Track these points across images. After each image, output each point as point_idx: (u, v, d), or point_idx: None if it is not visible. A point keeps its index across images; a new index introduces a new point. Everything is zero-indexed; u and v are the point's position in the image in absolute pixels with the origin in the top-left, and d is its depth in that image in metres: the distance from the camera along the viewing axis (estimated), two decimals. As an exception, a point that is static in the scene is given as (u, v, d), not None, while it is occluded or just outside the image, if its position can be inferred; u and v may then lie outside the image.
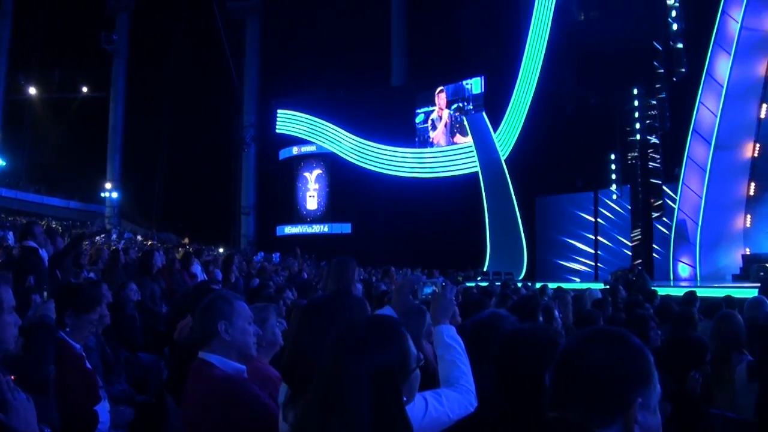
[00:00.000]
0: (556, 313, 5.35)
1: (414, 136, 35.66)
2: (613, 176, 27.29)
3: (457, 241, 30.38)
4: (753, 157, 21.50)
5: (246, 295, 7.84)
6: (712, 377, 4.44)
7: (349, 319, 2.30)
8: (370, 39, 36.18)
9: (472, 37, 30.98)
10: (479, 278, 24.18)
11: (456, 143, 33.96)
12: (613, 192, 27.36)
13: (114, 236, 32.99)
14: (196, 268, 10.78)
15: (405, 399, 2.01)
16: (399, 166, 35.64)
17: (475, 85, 33.20)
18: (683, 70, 24.26)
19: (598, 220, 27.75)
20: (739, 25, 20.94)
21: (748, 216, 21.57)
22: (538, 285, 13.98)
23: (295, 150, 40.13)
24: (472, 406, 2.57)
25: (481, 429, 2.50)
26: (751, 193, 21.51)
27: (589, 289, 10.19)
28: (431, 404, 2.44)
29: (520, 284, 16.06)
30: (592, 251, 27.70)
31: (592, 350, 1.71)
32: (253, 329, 3.30)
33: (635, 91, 26.14)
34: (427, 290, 3.34)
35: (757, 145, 21.41)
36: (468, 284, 15.14)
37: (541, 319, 4.47)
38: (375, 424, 1.86)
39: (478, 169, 31.63)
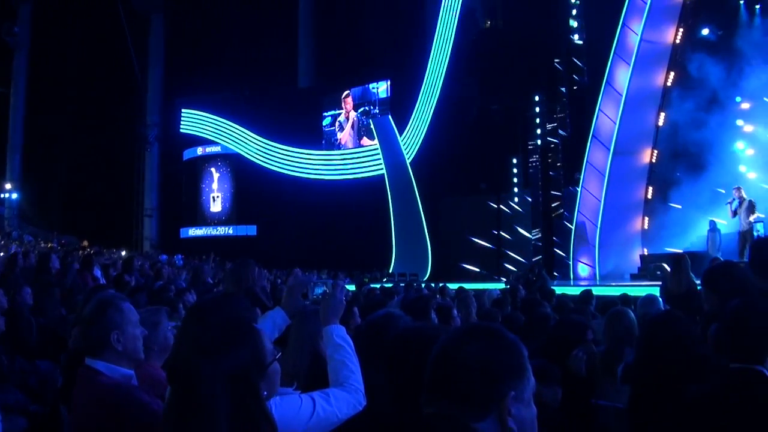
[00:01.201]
0: (455, 312, 5.41)
1: (321, 138, 34.85)
2: (515, 180, 27.57)
3: (364, 243, 29.87)
4: (651, 162, 22.00)
5: (146, 298, 7.72)
6: (601, 371, 4.41)
7: (233, 322, 2.21)
8: (276, 39, 35.05)
9: (378, 41, 30.62)
10: (384, 279, 23.82)
11: (363, 146, 33.44)
12: (514, 195, 27.56)
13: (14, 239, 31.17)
14: (96, 271, 10.65)
15: (266, 394, 2.07)
16: (305, 168, 34.71)
17: (381, 89, 32.81)
18: (584, 78, 24.67)
19: (501, 221, 27.80)
20: (638, 37, 21.31)
21: (646, 218, 22.07)
22: (440, 285, 13.72)
23: (199, 150, 38.45)
24: (361, 405, 2.63)
25: (370, 427, 2.51)
26: (649, 196, 22.01)
27: (488, 289, 10.38)
28: (319, 404, 2.48)
29: (423, 285, 15.96)
30: (495, 252, 27.72)
31: (466, 346, 1.69)
32: (140, 331, 3.17)
33: (537, 98, 26.46)
34: (318, 291, 3.70)
35: (655, 151, 21.91)
36: (373, 285, 14.83)
37: (434, 318, 4.52)
38: (235, 423, 1.89)
39: (384, 171, 31.29)
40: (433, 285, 14.76)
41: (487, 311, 6.92)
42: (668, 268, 9.69)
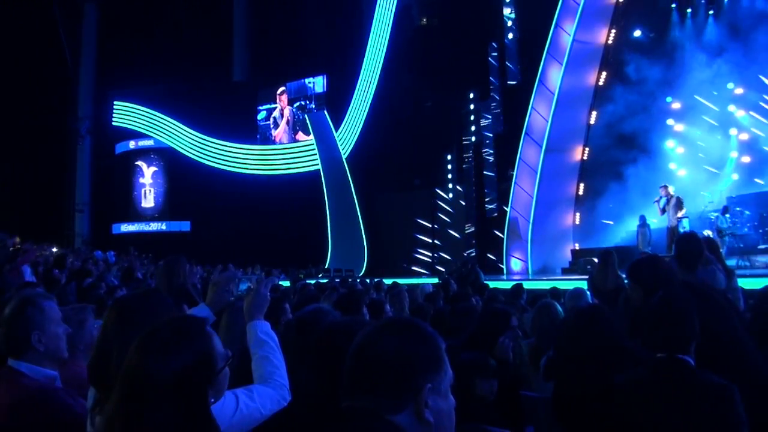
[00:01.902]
0: (387, 307, 5.38)
1: (255, 133, 34.06)
2: (450, 176, 27.48)
3: (299, 239, 29.46)
4: (582, 159, 22.20)
5: (77, 296, 7.61)
6: (530, 362, 4.53)
7: (154, 319, 2.13)
8: (211, 31, 34.03)
9: (314, 35, 30.17)
10: (320, 275, 23.62)
11: (298, 141, 32.86)
12: (448, 190, 27.42)
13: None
14: (25, 268, 10.35)
15: (213, 400, 1.97)
16: (240, 163, 33.94)
17: (317, 83, 32.24)
18: (517, 77, 24.68)
19: (436, 217, 27.72)
20: (571, 37, 21.42)
21: (577, 214, 22.34)
22: (376, 280, 13.52)
23: (132, 144, 37.08)
24: (285, 401, 2.59)
25: (294, 422, 2.46)
26: (580, 193, 22.27)
27: (422, 284, 10.27)
28: (242, 401, 2.43)
29: (359, 280, 15.78)
30: (431, 247, 27.61)
31: (383, 339, 1.68)
32: (63, 330, 3.07)
33: (471, 95, 26.44)
34: (243, 286, 3.59)
35: (586, 148, 22.11)
36: (309, 281, 14.53)
37: (366, 313, 4.47)
38: (179, 429, 1.81)
39: (319, 167, 30.86)
40: (368, 280, 14.55)
41: (420, 306, 6.90)
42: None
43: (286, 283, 15.27)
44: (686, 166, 21.87)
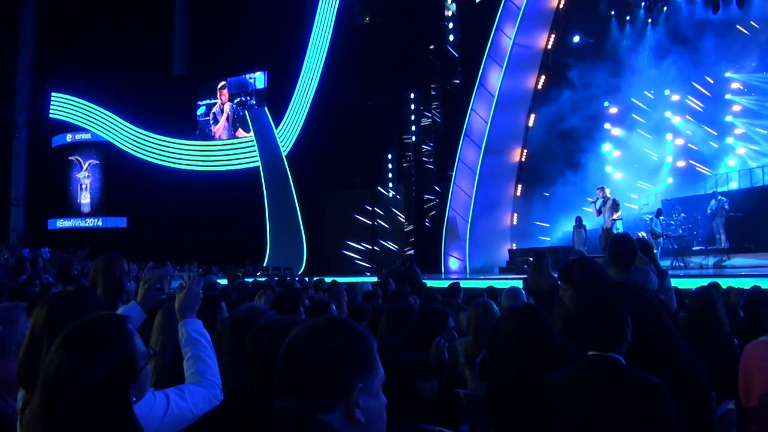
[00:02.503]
0: (333, 307, 5.22)
1: (195, 128, 33.16)
2: (390, 175, 27.26)
3: (238, 236, 28.89)
4: (520, 161, 22.22)
5: (8, 293, 7.47)
6: (466, 361, 4.54)
7: (83, 317, 2.01)
8: (151, 23, 33.04)
9: (256, 31, 29.50)
10: (258, 273, 23.31)
11: (238, 137, 32.17)
12: (388, 190, 27.17)
13: None
14: None
15: (134, 399, 1.93)
16: (178, 159, 32.97)
17: (258, 79, 31.58)
18: (457, 78, 24.60)
19: (376, 216, 27.53)
20: (511, 41, 21.50)
21: (515, 215, 22.42)
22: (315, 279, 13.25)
23: (69, 137, 35.49)
24: (217, 399, 2.55)
25: (226, 422, 2.37)
26: (518, 193, 22.33)
27: (360, 282, 10.19)
28: (173, 401, 2.38)
29: (297, 279, 15.41)
30: (370, 246, 27.41)
31: (313, 339, 1.65)
32: None
33: (412, 95, 26.25)
34: (175, 284, 3.37)
35: (524, 150, 22.11)
36: (247, 279, 14.16)
37: (303, 312, 4.49)
38: (99, 429, 1.77)
39: (259, 163, 30.19)
40: (306, 279, 14.23)
41: (358, 304, 6.83)
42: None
43: (223, 282, 14.79)
44: (622, 169, 22.17)
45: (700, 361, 3.36)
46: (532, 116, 21.90)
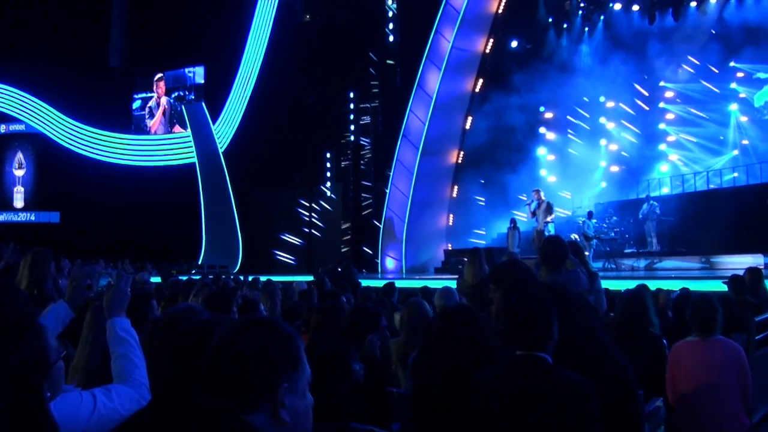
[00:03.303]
0: (262, 306, 5.39)
1: (130, 122, 32.15)
2: (328, 174, 27.15)
3: (172, 233, 27.84)
4: (457, 162, 22.38)
5: None
6: (398, 359, 4.55)
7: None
8: (87, 12, 31.54)
9: (195, 23, 28.60)
10: (193, 271, 22.56)
11: (174, 133, 31.51)
12: (326, 189, 27.09)
13: None
14: None
15: (49, 394, 1.89)
16: (114, 153, 31.83)
17: (198, 73, 30.82)
18: (396, 79, 24.73)
19: (313, 215, 27.34)
20: (450, 44, 21.58)
21: (451, 215, 22.56)
22: (251, 278, 13.24)
23: (2, 128, 34.01)
24: (145, 400, 2.48)
25: (153, 422, 2.26)
26: (454, 195, 22.43)
27: (296, 281, 10.24)
28: (100, 401, 2.35)
29: (232, 277, 15.27)
30: (308, 244, 27.19)
31: (239, 338, 1.65)
32: None
33: (351, 95, 26.24)
34: (103, 282, 3.30)
35: (461, 152, 22.27)
36: (181, 277, 14.00)
37: (236, 312, 4.50)
38: (13, 425, 1.73)
39: (195, 159, 29.44)
40: (241, 277, 14.17)
41: (294, 304, 6.83)
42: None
43: (157, 279, 14.72)
44: (556, 173, 22.59)
45: (627, 360, 3.42)
46: (470, 119, 22.06)
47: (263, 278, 11.41)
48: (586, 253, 14.52)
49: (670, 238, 17.79)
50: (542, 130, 23.16)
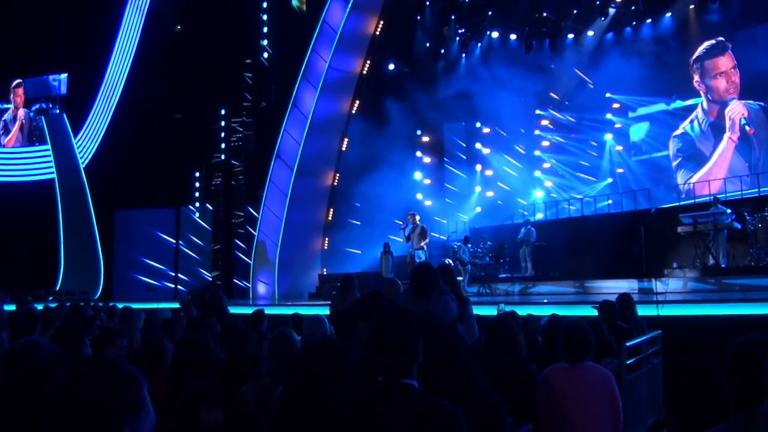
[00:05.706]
0: (122, 342, 5.02)
1: (-18, 136, 29.13)
2: (197, 194, 26.06)
3: (29, 256, 25.30)
4: (333, 185, 22.20)
5: None
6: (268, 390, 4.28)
7: None
8: None
9: (55, 25, 26.68)
10: (50, 298, 21.03)
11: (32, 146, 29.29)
12: (194, 210, 25.99)
13: None
14: None
15: None
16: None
17: (63, 82, 28.40)
18: (270, 97, 24.28)
19: (181, 236, 26.01)
20: (327, 64, 21.54)
21: (326, 239, 22.34)
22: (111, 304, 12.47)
23: None
24: None
25: None
26: (330, 218, 22.25)
27: (159, 308, 9.58)
28: None
29: (92, 304, 14.20)
30: (174, 268, 25.73)
31: (77, 383, 1.58)
32: None
33: (222, 112, 25.43)
34: None
35: (337, 174, 22.12)
36: (36, 305, 13.00)
37: (87, 344, 4.27)
38: None
39: (54, 175, 27.23)
40: (101, 304, 13.37)
41: (153, 337, 6.01)
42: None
43: (11, 307, 13.84)
44: (432, 197, 22.77)
45: (495, 387, 3.39)
46: (346, 140, 21.80)
47: (120, 305, 10.78)
48: (460, 278, 14.56)
49: (544, 263, 18.00)
50: (419, 153, 23.26)
